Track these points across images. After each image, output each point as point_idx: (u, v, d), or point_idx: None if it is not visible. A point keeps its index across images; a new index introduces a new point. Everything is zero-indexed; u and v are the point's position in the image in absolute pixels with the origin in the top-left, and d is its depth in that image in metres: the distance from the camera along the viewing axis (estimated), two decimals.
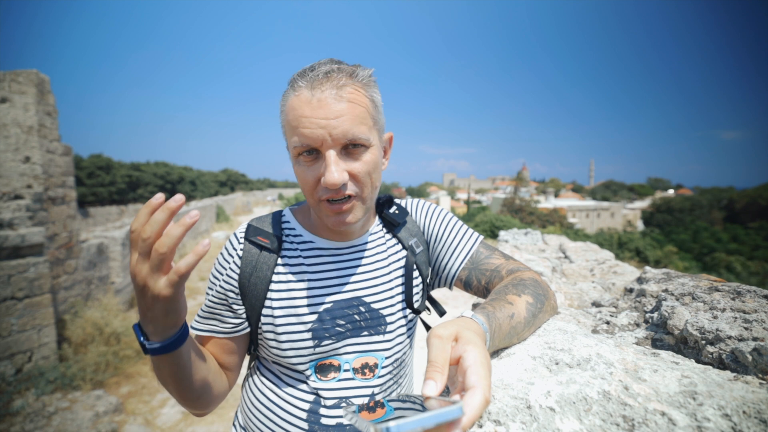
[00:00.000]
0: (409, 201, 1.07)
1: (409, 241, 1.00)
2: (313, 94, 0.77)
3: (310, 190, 0.82)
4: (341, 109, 0.76)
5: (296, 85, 0.79)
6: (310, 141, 0.77)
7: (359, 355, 0.92)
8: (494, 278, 0.96)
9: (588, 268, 1.76)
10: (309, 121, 0.76)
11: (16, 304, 4.61)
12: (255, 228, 0.93)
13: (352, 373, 0.91)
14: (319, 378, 0.90)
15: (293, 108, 0.78)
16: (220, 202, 23.19)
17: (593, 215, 53.26)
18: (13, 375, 4.48)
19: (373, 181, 0.84)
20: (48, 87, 5.69)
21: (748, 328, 0.68)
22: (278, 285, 0.90)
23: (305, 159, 0.80)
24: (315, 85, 0.77)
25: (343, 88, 0.77)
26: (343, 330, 0.90)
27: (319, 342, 0.88)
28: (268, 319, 0.89)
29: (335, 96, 0.77)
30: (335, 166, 0.77)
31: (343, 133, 0.76)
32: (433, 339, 0.56)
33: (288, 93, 0.81)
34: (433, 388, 0.50)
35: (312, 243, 0.94)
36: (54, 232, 5.58)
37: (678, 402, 0.51)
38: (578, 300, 1.26)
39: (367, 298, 0.93)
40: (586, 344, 0.70)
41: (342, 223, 0.83)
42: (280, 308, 0.89)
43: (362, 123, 0.79)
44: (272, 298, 0.89)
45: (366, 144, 0.80)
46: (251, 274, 0.89)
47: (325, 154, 0.78)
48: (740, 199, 58.34)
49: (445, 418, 0.42)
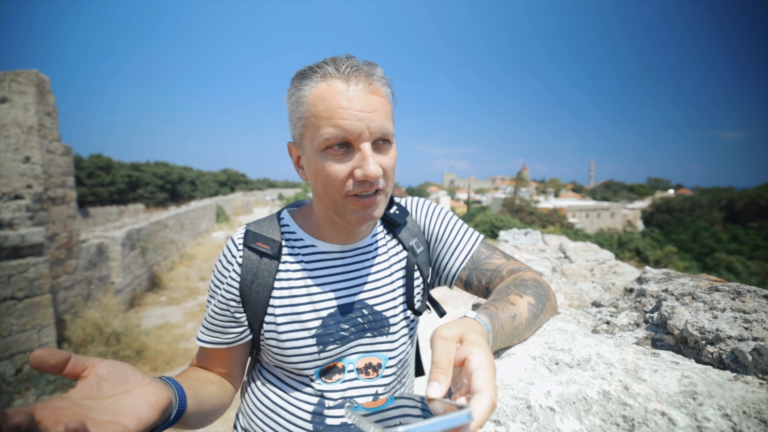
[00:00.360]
0: (409, 200, 1.06)
1: (410, 241, 0.99)
2: (349, 85, 0.75)
3: (338, 185, 0.78)
4: (376, 103, 0.76)
5: (324, 76, 0.76)
6: (347, 134, 0.74)
7: (362, 355, 0.91)
8: (495, 278, 0.96)
9: (588, 268, 1.76)
10: (347, 112, 0.74)
11: (16, 304, 4.61)
12: (254, 233, 0.90)
13: (356, 373, 0.90)
14: (324, 381, 0.89)
15: (325, 98, 0.75)
16: (220, 202, 23.20)
17: (593, 215, 53.26)
18: (13, 375, 4.49)
19: (393, 177, 0.84)
20: (48, 87, 5.69)
21: (748, 328, 0.68)
22: (280, 292, 0.88)
23: (335, 152, 0.77)
24: (349, 77, 0.75)
25: (373, 84, 0.77)
26: (347, 334, 0.89)
27: (323, 348, 0.87)
28: (270, 326, 0.87)
29: (370, 90, 0.76)
30: (373, 159, 0.76)
31: (379, 128, 0.76)
32: (438, 340, 0.55)
33: (311, 83, 0.78)
34: (437, 389, 0.49)
35: (314, 247, 0.92)
36: (54, 232, 5.58)
37: (678, 402, 0.51)
38: (578, 300, 1.26)
39: (370, 300, 0.92)
40: (586, 344, 0.70)
41: (369, 217, 0.81)
42: (283, 315, 0.87)
43: (389, 119, 0.79)
44: (275, 305, 0.87)
45: (391, 140, 0.80)
46: (252, 282, 0.86)
47: (361, 147, 0.76)
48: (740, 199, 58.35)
49: (453, 424, 0.42)
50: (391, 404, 0.52)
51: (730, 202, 59.67)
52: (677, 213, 50.60)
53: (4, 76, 5.22)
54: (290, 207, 1.01)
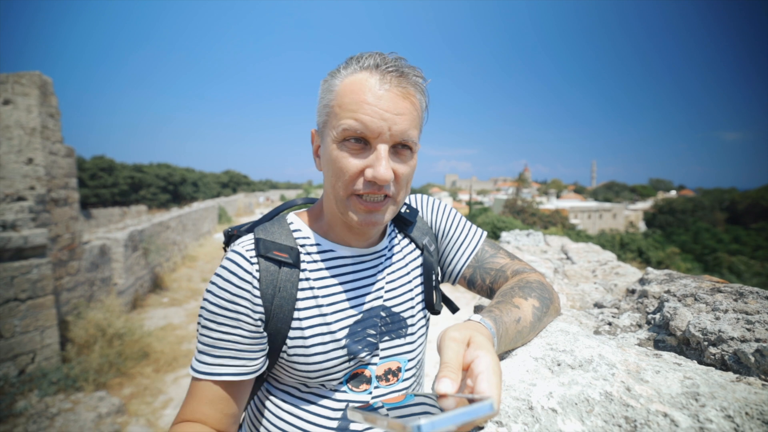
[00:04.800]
0: (416, 198, 1.05)
1: (423, 240, 0.98)
2: (381, 83, 0.74)
3: (347, 180, 0.76)
4: (405, 107, 0.74)
5: (363, 68, 0.75)
6: (367, 130, 0.73)
7: (383, 360, 0.89)
8: (499, 278, 0.95)
9: (590, 269, 1.76)
10: (371, 108, 0.72)
11: (18, 306, 4.62)
12: (267, 241, 0.81)
13: (376, 381, 0.88)
14: (351, 389, 0.86)
15: (354, 91, 0.74)
16: (222, 203, 23.25)
17: (595, 216, 53.13)
18: (16, 376, 4.50)
19: (408, 187, 0.82)
20: (51, 89, 5.71)
21: (751, 330, 0.68)
22: (305, 302, 0.82)
23: (352, 146, 0.75)
24: (385, 75, 0.74)
25: (408, 88, 0.76)
26: (374, 340, 0.87)
27: (354, 355, 0.84)
28: (296, 341, 0.81)
29: (402, 93, 0.74)
30: (387, 162, 0.74)
31: (401, 132, 0.74)
32: (449, 341, 0.56)
33: (346, 72, 0.77)
34: (449, 385, 0.50)
35: (332, 252, 0.87)
36: (57, 233, 5.60)
37: (680, 403, 0.51)
38: (580, 301, 1.25)
39: (390, 302, 0.90)
40: (588, 345, 0.70)
41: (371, 222, 0.78)
42: (310, 327, 0.82)
43: (416, 127, 0.78)
44: (300, 317, 0.81)
45: (413, 148, 0.78)
46: (274, 296, 0.79)
47: (378, 147, 0.74)
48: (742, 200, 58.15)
49: (477, 415, 0.42)
50: (410, 401, 0.52)
51: (732, 203, 59.46)
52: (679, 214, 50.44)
53: (7, 78, 5.25)
54: (293, 208, 0.99)
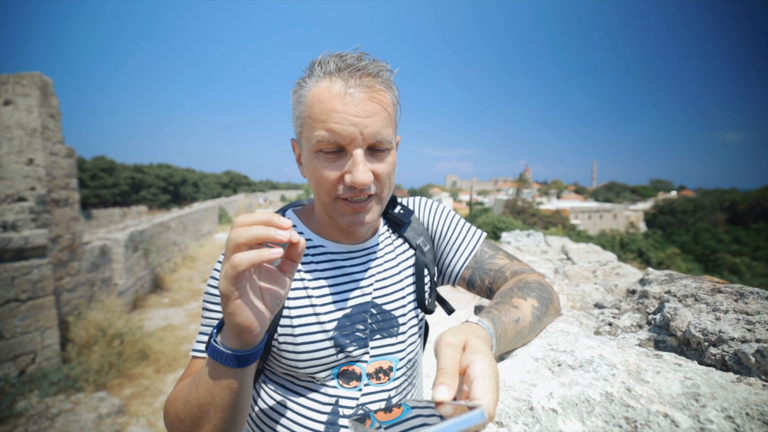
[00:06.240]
0: (413, 200, 1.06)
1: (416, 240, 0.99)
2: (346, 87, 0.73)
3: (328, 187, 0.78)
4: (373, 108, 0.74)
5: (326, 74, 0.75)
6: (339, 138, 0.73)
7: (373, 359, 0.90)
8: (498, 279, 0.96)
9: (590, 270, 1.76)
10: (340, 116, 0.73)
11: (19, 306, 4.63)
12: None
13: (366, 378, 0.89)
14: (341, 385, 0.87)
15: (321, 100, 0.74)
16: (222, 203, 23.26)
17: (596, 217, 53.11)
18: (16, 377, 4.50)
19: (391, 183, 0.83)
20: (51, 89, 5.72)
21: (751, 330, 0.68)
22: (295, 293, 0.86)
23: (327, 155, 0.76)
24: (348, 79, 0.74)
25: (374, 87, 0.75)
26: (362, 336, 0.88)
27: (341, 349, 0.85)
28: (286, 330, 0.85)
29: (369, 94, 0.74)
30: (363, 165, 0.75)
31: (373, 134, 0.74)
32: (444, 347, 0.55)
33: (311, 82, 0.77)
34: (445, 392, 0.49)
35: (323, 247, 0.90)
36: (57, 234, 5.60)
37: (681, 404, 0.51)
38: (581, 301, 1.25)
39: (380, 299, 0.91)
40: (589, 346, 0.70)
41: (358, 222, 0.80)
42: (298, 317, 0.85)
43: (389, 125, 0.78)
44: (290, 306, 0.85)
45: (389, 147, 0.79)
46: None
47: (353, 153, 0.75)
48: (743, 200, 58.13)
49: (468, 425, 0.42)
50: (408, 414, 0.51)
51: (732, 203, 59.43)
52: (680, 214, 50.42)
53: (8, 78, 5.25)
54: (293, 206, 1.00)
